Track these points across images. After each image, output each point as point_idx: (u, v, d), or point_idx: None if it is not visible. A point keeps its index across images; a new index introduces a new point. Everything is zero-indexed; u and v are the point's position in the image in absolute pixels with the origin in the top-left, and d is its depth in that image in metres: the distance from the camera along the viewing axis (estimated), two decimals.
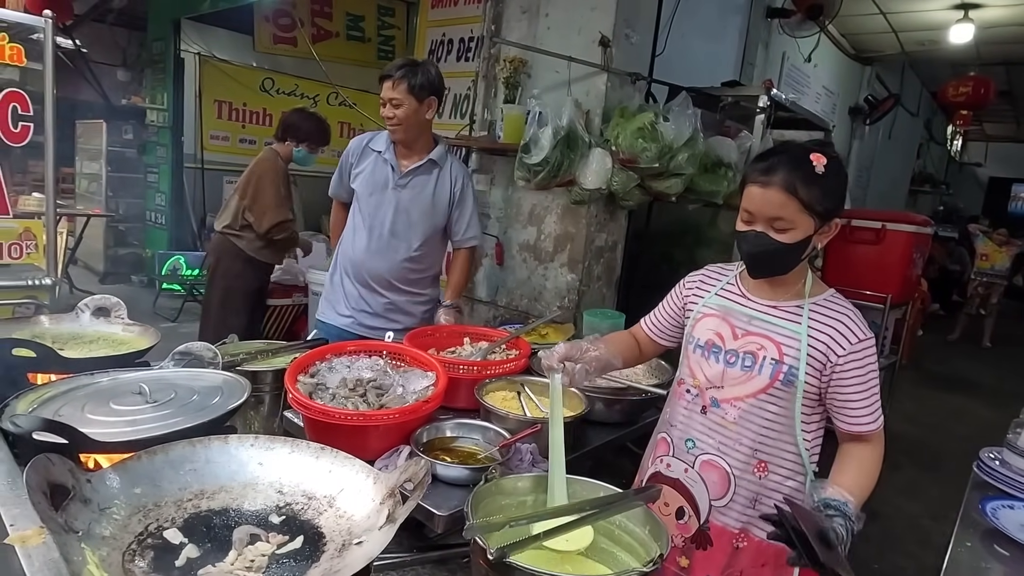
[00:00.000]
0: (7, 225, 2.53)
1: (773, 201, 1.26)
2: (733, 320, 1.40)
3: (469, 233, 2.44)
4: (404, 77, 2.18)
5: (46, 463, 0.93)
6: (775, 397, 1.34)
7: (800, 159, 1.26)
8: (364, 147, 2.38)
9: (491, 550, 0.98)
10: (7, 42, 2.40)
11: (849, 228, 4.12)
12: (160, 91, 6.95)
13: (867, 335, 1.32)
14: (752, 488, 1.38)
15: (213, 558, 0.97)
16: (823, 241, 1.32)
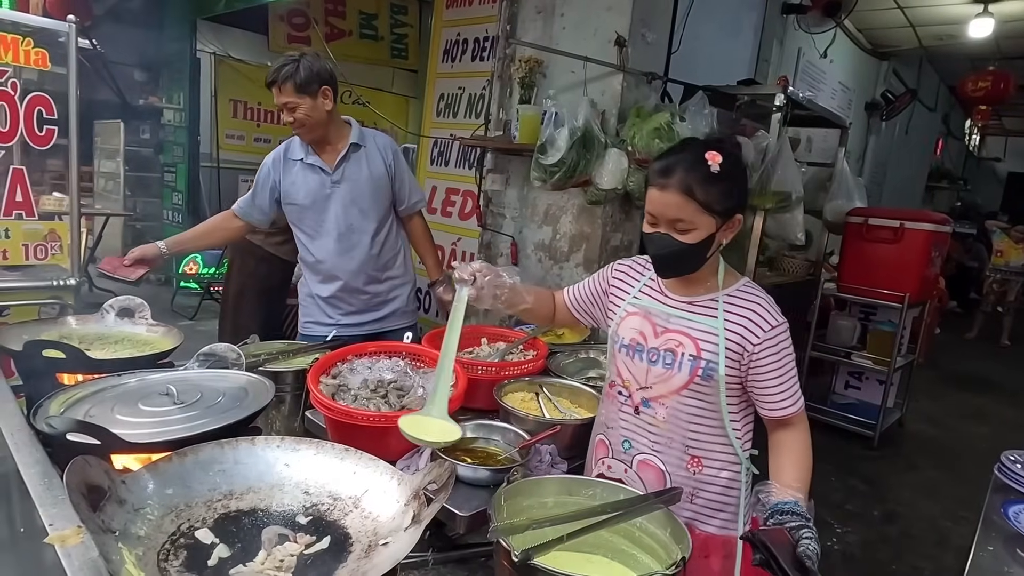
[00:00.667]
0: (32, 227, 2.57)
1: (671, 204, 1.27)
2: (653, 318, 1.42)
3: (414, 198, 2.43)
4: (288, 78, 2.11)
5: (83, 465, 0.95)
6: (698, 393, 1.36)
7: (696, 159, 1.27)
8: (283, 159, 2.30)
9: (516, 552, 1.00)
10: (32, 47, 2.43)
11: (866, 227, 4.10)
12: (176, 91, 7.02)
13: (779, 321, 1.34)
14: (688, 484, 1.39)
15: (243, 558, 0.99)
16: (728, 237, 1.34)
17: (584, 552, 1.22)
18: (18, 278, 2.58)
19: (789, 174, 3.16)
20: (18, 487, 1.42)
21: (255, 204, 2.35)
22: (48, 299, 2.60)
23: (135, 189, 7.43)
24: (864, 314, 4.52)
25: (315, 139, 2.24)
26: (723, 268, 1.39)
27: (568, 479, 1.32)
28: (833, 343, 4.48)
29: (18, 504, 1.46)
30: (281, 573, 0.96)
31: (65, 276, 2.64)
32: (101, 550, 0.86)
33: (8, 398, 1.42)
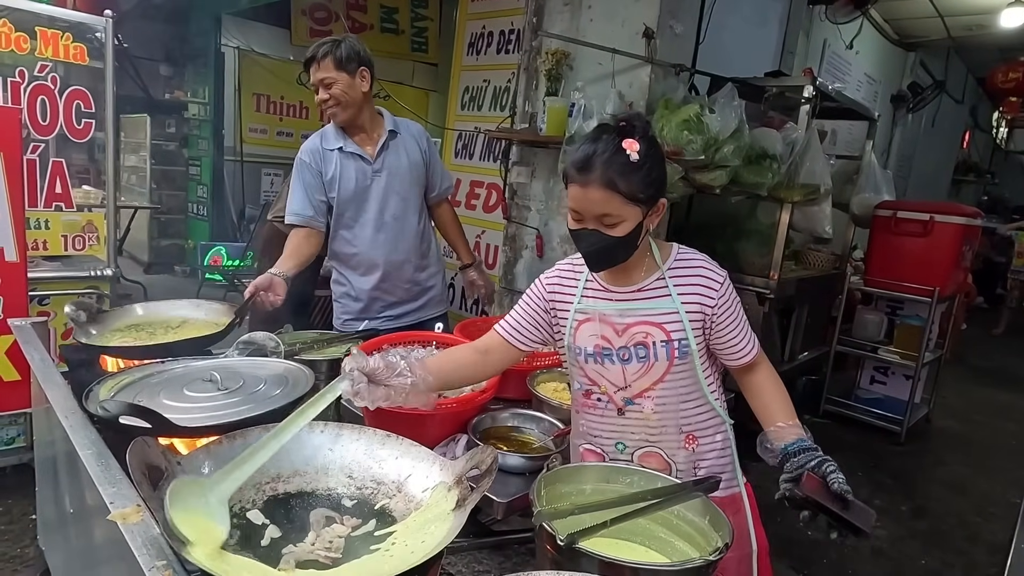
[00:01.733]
0: (71, 218, 2.64)
1: (595, 200, 1.23)
2: (610, 319, 1.37)
3: (445, 183, 2.44)
4: (328, 53, 2.09)
5: (143, 445, 0.99)
6: (678, 374, 1.36)
7: (613, 149, 1.22)
8: (321, 151, 2.21)
9: (561, 536, 1.01)
10: (71, 41, 2.49)
11: (895, 220, 4.05)
12: (201, 85, 7.11)
13: (722, 273, 1.36)
14: (689, 461, 1.41)
15: (294, 538, 1.02)
16: (654, 222, 1.32)
17: (623, 539, 1.23)
18: (57, 268, 2.65)
19: (818, 167, 3.13)
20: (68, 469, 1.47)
21: (309, 201, 2.20)
22: (85, 289, 2.66)
23: (160, 182, 7.54)
24: (891, 308, 4.46)
25: (348, 121, 2.18)
26: (654, 245, 1.36)
27: (606, 467, 1.33)
28: (859, 337, 4.43)
29: (68, 485, 1.51)
30: (331, 554, 0.99)
31: (102, 267, 2.70)
32: (164, 528, 0.89)
33: (59, 382, 1.47)
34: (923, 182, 8.66)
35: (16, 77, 2.42)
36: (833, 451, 1.32)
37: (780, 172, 3.03)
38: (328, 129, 2.24)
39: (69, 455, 1.32)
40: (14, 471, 2.60)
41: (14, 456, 2.58)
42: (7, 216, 2.30)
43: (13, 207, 2.31)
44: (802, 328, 4.04)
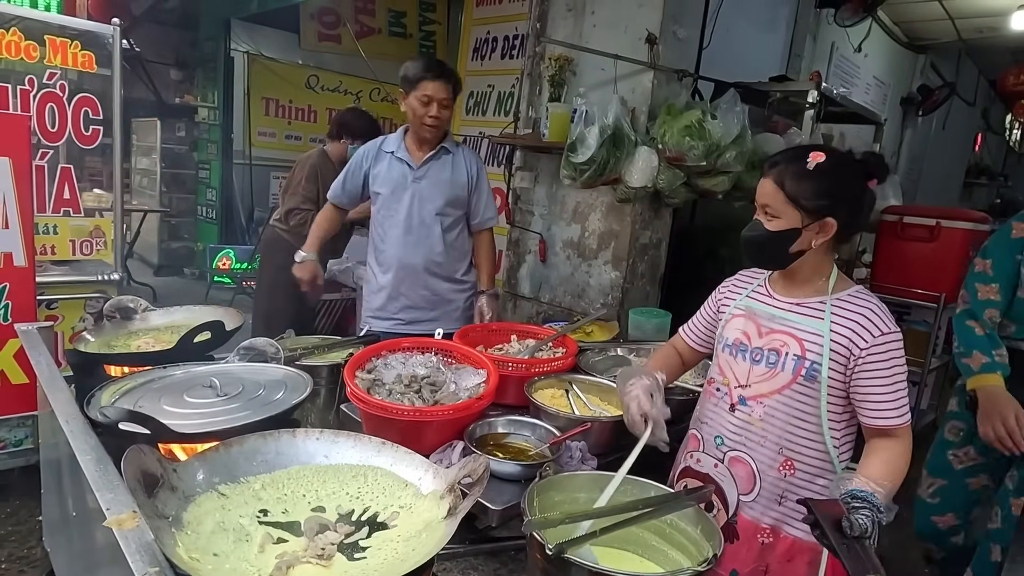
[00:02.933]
0: (78, 223, 2.67)
1: (765, 191, 1.36)
2: (758, 319, 1.44)
3: (488, 213, 2.51)
4: (449, 81, 2.29)
5: (139, 453, 1.00)
6: (799, 393, 1.36)
7: (799, 156, 1.34)
8: (378, 151, 2.44)
9: (549, 546, 1.02)
10: (79, 50, 2.52)
11: (901, 224, 4.01)
12: (211, 89, 7.17)
13: (891, 328, 1.33)
14: (778, 485, 1.39)
15: (287, 545, 1.03)
16: (819, 239, 1.34)
17: (615, 547, 1.24)
18: (65, 272, 2.69)
19: None
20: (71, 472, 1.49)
21: (345, 189, 2.50)
22: (93, 293, 2.70)
23: (170, 185, 7.62)
24: (897, 314, 4.40)
25: (434, 139, 2.37)
26: (835, 274, 1.40)
27: (599, 475, 1.33)
28: None
29: (71, 488, 1.53)
30: (323, 561, 1.00)
31: (109, 271, 2.73)
32: (156, 535, 0.90)
33: (62, 387, 1.49)
34: (934, 185, 8.59)
35: (25, 85, 2.46)
36: None
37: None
38: (393, 136, 2.46)
39: (71, 459, 1.34)
40: (22, 473, 2.64)
41: (22, 458, 2.61)
42: (16, 221, 2.34)
43: (22, 212, 2.34)
44: None
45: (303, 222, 3.34)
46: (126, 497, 1.05)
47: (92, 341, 1.83)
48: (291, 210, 3.36)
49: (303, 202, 3.35)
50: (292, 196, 3.37)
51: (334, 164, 3.48)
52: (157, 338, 1.92)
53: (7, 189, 2.30)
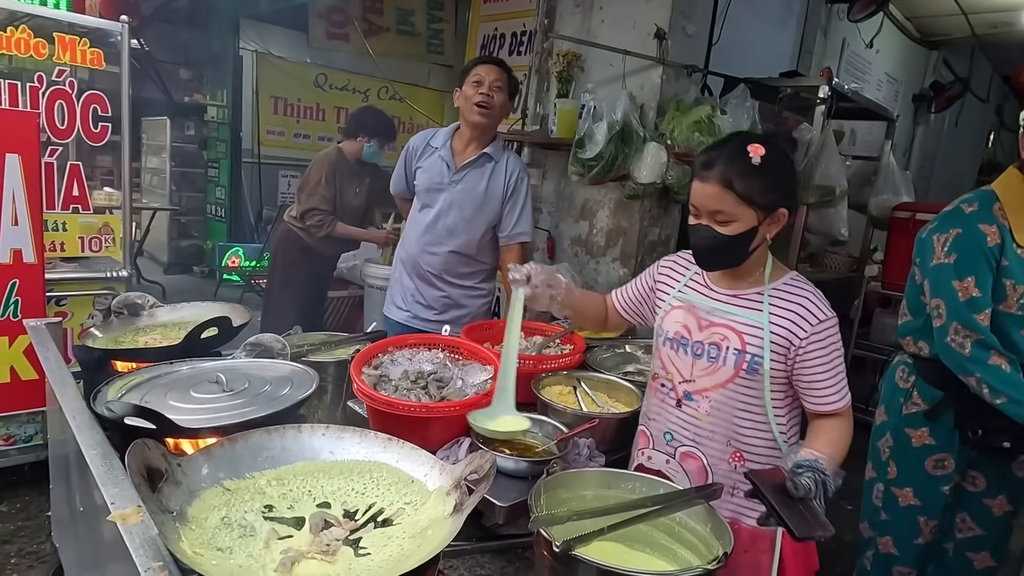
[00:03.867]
0: (88, 220, 2.68)
1: (711, 195, 1.28)
2: (697, 312, 1.42)
3: (518, 228, 2.38)
4: (505, 69, 2.26)
5: (143, 448, 1.00)
6: (742, 387, 1.35)
7: (737, 151, 1.28)
8: (426, 144, 2.42)
9: (557, 543, 1.01)
10: (88, 47, 2.53)
11: (914, 222, 3.97)
12: (220, 88, 7.20)
13: (828, 315, 1.32)
14: (730, 477, 1.39)
15: (291, 541, 1.02)
16: (772, 231, 1.33)
17: (623, 545, 1.22)
18: (75, 269, 2.70)
19: (833, 168, 3.09)
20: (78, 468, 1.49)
21: (406, 182, 2.50)
22: (101, 290, 2.71)
23: (180, 184, 7.65)
24: None
25: (484, 127, 2.30)
26: (771, 263, 1.38)
27: (607, 472, 1.32)
28: (877, 341, 4.36)
29: (78, 484, 1.53)
30: (328, 556, 0.99)
31: (118, 268, 2.74)
32: (160, 529, 0.90)
33: (69, 383, 1.49)
34: (946, 183, 8.49)
35: (35, 82, 2.46)
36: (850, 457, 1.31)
37: None
38: (444, 130, 2.42)
39: (78, 455, 1.34)
40: (32, 468, 2.65)
41: (32, 454, 2.63)
42: (25, 218, 2.35)
43: (31, 209, 2.35)
44: None
45: (320, 224, 3.36)
46: (131, 492, 1.04)
47: (100, 337, 1.83)
48: (309, 210, 3.37)
49: (321, 203, 3.37)
50: (310, 196, 3.38)
51: (349, 163, 3.48)
52: (164, 334, 1.92)
53: (16, 186, 2.31)
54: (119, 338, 1.88)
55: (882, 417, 2.05)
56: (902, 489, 1.97)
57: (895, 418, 1.97)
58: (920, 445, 1.92)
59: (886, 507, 2.01)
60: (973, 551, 2.02)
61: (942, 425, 1.87)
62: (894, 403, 1.99)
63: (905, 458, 1.95)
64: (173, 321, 2.01)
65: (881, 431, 2.04)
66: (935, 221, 1.86)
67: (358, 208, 3.58)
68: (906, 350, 2.00)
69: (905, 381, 1.96)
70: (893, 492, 1.99)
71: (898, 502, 1.98)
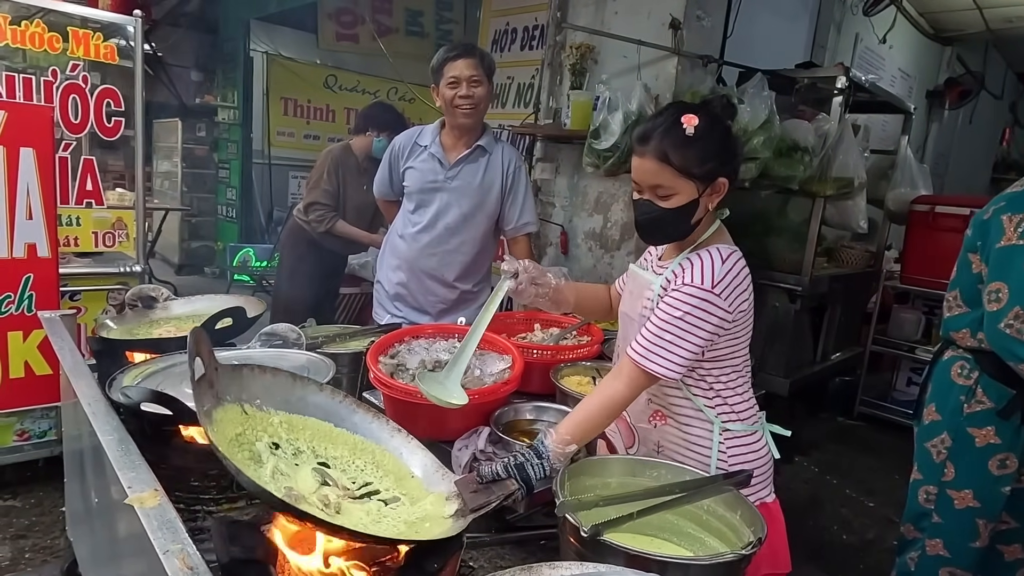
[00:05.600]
0: (101, 215, 2.68)
1: (649, 170, 1.26)
2: (634, 282, 1.46)
3: (523, 219, 2.34)
4: (480, 57, 2.15)
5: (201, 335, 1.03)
6: None
7: (671, 123, 1.24)
8: (412, 142, 2.32)
9: (584, 527, 0.97)
10: (101, 41, 2.53)
11: (932, 215, 3.92)
12: (230, 90, 7.23)
13: (698, 284, 1.24)
14: (652, 436, 1.40)
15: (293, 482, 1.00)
16: (713, 201, 1.31)
17: (649, 535, 1.19)
18: (88, 264, 2.69)
19: (851, 159, 3.04)
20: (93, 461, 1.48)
21: (390, 182, 2.41)
22: (115, 285, 2.70)
23: (191, 185, 7.69)
24: (928, 307, 4.32)
25: (472, 125, 2.23)
26: (709, 233, 1.35)
27: (632, 460, 1.29)
28: (895, 337, 4.30)
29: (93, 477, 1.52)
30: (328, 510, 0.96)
31: (131, 263, 2.74)
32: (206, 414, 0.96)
33: (85, 372, 1.48)
34: (961, 180, 8.40)
35: (49, 76, 2.47)
36: (868, 454, 1.27)
37: (812, 165, 2.95)
38: (430, 127, 2.32)
39: (93, 449, 1.32)
40: (46, 463, 2.65)
41: (46, 449, 2.62)
42: (40, 212, 2.34)
43: (45, 204, 2.35)
44: (835, 327, 3.92)
45: (321, 219, 3.34)
46: (148, 476, 1.03)
47: (115, 328, 1.82)
48: (311, 204, 3.36)
49: (323, 197, 3.34)
50: (313, 190, 3.37)
51: (358, 158, 3.47)
52: (178, 327, 1.90)
53: (31, 180, 2.30)
54: (133, 330, 1.86)
55: (933, 416, 1.95)
56: (960, 491, 1.89)
57: (954, 417, 1.88)
58: (984, 445, 1.83)
59: (939, 510, 1.93)
60: (1004, 543, 1.96)
61: (1009, 423, 1.80)
62: (950, 402, 1.89)
63: (966, 459, 1.87)
64: (187, 314, 2.00)
65: (933, 431, 1.94)
66: (1002, 201, 1.78)
67: (365, 205, 3.55)
68: (960, 345, 1.90)
69: (965, 378, 1.87)
70: (948, 495, 1.91)
71: (954, 505, 1.90)
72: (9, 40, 2.39)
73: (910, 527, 2.04)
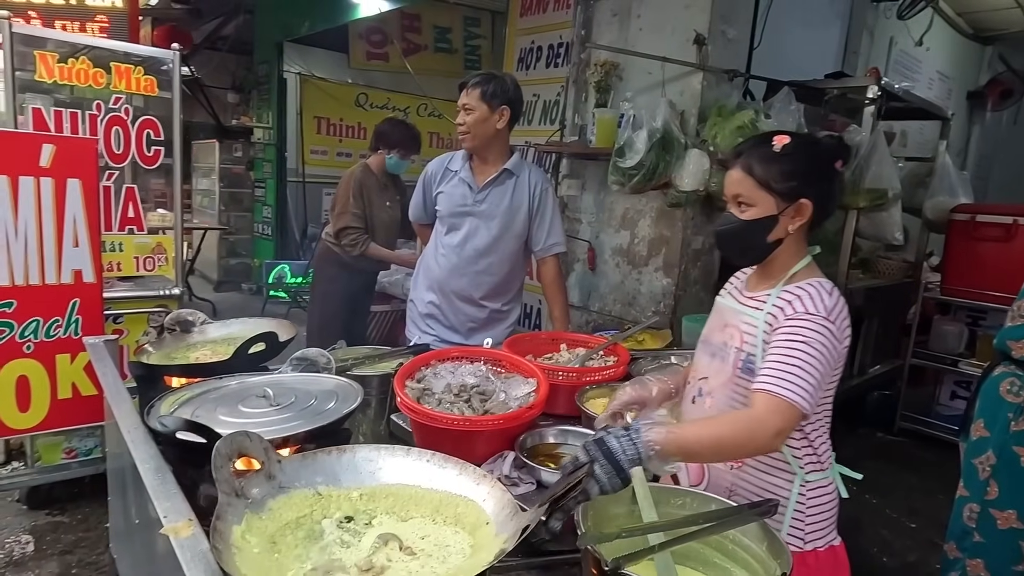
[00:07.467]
0: (142, 240, 2.78)
1: (733, 180, 1.32)
2: (722, 314, 1.42)
3: (551, 239, 2.39)
4: (478, 84, 2.23)
5: (244, 437, 1.04)
6: (740, 387, 1.31)
7: (763, 140, 1.31)
8: (444, 168, 2.41)
9: (606, 561, 0.97)
10: (142, 75, 2.64)
11: (973, 223, 3.81)
12: (265, 110, 7.43)
13: (816, 312, 1.21)
14: (726, 478, 1.36)
15: (345, 552, 1.00)
16: (795, 223, 1.29)
17: (675, 564, 1.18)
18: (130, 288, 2.80)
19: (885, 170, 2.98)
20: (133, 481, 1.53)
21: (425, 208, 2.51)
22: (155, 307, 2.80)
23: (229, 204, 7.92)
24: (972, 318, 4.18)
25: (474, 148, 2.31)
26: (803, 266, 1.33)
27: (656, 488, 1.27)
28: (937, 350, 4.16)
29: (134, 496, 1.57)
30: (366, 574, 0.96)
31: (170, 286, 2.83)
32: (223, 509, 0.93)
33: (125, 398, 1.53)
34: (1006, 184, 8.10)
35: (93, 110, 2.59)
36: (910, 470, 1.23)
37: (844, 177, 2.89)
38: (460, 153, 2.40)
39: (134, 468, 1.37)
40: (92, 481, 2.75)
41: (92, 467, 2.72)
42: (85, 239, 2.44)
43: (91, 231, 2.45)
44: (873, 340, 3.83)
45: (354, 243, 3.41)
46: (183, 506, 1.06)
47: (153, 353, 1.89)
48: (343, 229, 3.43)
49: (353, 220, 3.41)
50: (342, 215, 3.43)
51: (377, 176, 3.54)
52: (214, 350, 1.96)
53: (77, 209, 2.41)
54: (172, 354, 1.93)
55: (981, 432, 1.92)
56: (1003, 511, 1.84)
57: (1001, 435, 1.84)
58: None
59: (981, 529, 1.89)
60: None
61: None
62: (999, 418, 1.86)
63: (1010, 478, 1.83)
64: (222, 337, 2.06)
65: (980, 448, 1.91)
66: None
67: (392, 222, 3.61)
68: (1015, 357, 1.86)
69: (1015, 396, 1.84)
70: (991, 514, 1.86)
71: (996, 524, 1.86)
72: (57, 77, 2.53)
73: (953, 546, 1.99)
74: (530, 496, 1.37)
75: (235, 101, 8.51)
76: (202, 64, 7.98)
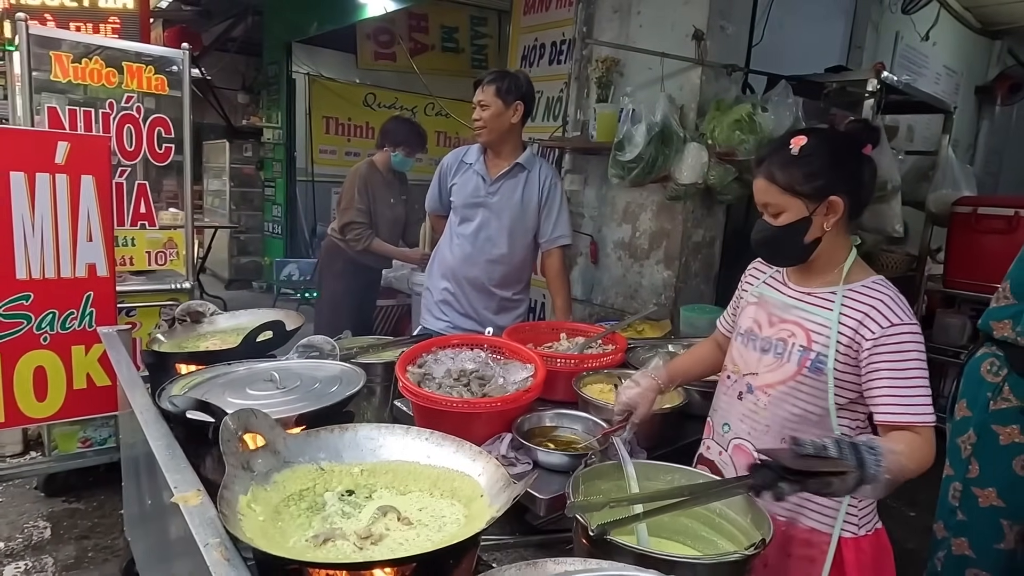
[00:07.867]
0: (153, 236, 2.86)
1: (760, 189, 1.33)
2: (770, 308, 1.41)
3: (557, 232, 2.47)
4: (493, 82, 2.33)
5: (250, 414, 1.10)
6: (804, 386, 1.31)
7: (780, 145, 1.31)
8: (459, 161, 2.52)
9: (592, 527, 1.02)
10: (153, 74, 2.72)
11: (975, 216, 3.81)
12: (275, 110, 7.52)
13: (903, 320, 1.23)
14: None
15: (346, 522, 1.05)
16: (829, 221, 1.29)
17: (662, 537, 1.23)
18: (142, 282, 2.87)
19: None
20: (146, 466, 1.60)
21: (440, 200, 2.61)
22: (167, 301, 2.87)
23: (239, 203, 8.01)
24: (975, 311, 4.17)
25: (489, 142, 2.41)
26: (851, 262, 1.33)
27: (646, 464, 1.33)
28: (940, 342, 4.17)
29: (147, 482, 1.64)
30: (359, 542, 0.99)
31: (181, 280, 2.91)
32: (227, 481, 0.99)
33: (138, 383, 1.60)
34: (1017, 178, 8.04)
35: (106, 108, 2.67)
36: None
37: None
38: (475, 147, 2.51)
39: (146, 455, 1.43)
40: (107, 469, 2.83)
41: (106, 455, 2.80)
42: (99, 234, 2.52)
43: (104, 226, 2.53)
44: None
45: (359, 238, 3.48)
46: (192, 477, 1.12)
47: (165, 342, 1.96)
48: (348, 224, 3.49)
49: (357, 216, 3.48)
50: (347, 211, 3.50)
51: (383, 174, 3.60)
52: (224, 339, 2.03)
53: (91, 205, 2.48)
54: (182, 343, 2.00)
55: (963, 412, 1.95)
56: (984, 489, 1.88)
57: (980, 414, 1.88)
58: (1008, 443, 1.83)
59: (964, 507, 1.92)
60: None
61: None
62: (979, 398, 1.89)
63: (989, 456, 1.87)
64: (232, 327, 2.13)
65: (962, 427, 1.94)
66: None
67: (396, 218, 3.68)
68: (996, 337, 1.89)
69: (994, 375, 1.87)
70: (973, 492, 1.90)
71: (978, 503, 1.89)
72: (72, 77, 2.61)
73: (941, 526, 2.02)
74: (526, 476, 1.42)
75: (245, 102, 8.61)
76: (212, 65, 8.08)
